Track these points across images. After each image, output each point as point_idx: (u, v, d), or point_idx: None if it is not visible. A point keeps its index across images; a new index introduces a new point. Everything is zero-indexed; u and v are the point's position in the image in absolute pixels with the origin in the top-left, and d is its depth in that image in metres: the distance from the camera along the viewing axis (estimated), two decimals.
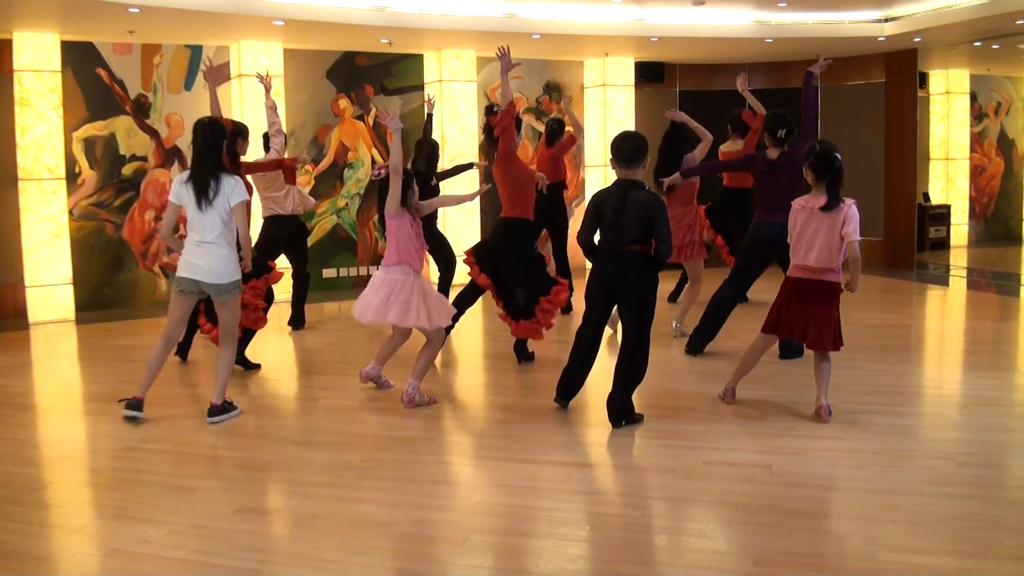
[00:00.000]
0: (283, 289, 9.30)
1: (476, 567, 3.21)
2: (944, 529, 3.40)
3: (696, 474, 4.07)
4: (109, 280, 9.02)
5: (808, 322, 4.75)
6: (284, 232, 7.21)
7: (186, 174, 4.97)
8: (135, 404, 5.07)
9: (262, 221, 7.28)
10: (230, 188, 4.91)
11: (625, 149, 4.68)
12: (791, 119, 6.04)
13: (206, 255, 4.91)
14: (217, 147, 4.93)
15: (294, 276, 7.82)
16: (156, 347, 5.11)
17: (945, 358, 6.74)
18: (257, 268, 6.06)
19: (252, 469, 4.44)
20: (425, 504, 3.81)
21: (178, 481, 4.13)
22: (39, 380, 6.46)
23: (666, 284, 7.70)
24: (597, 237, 4.87)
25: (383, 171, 5.18)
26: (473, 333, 7.69)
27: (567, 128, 8.25)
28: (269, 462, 4.55)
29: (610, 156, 4.79)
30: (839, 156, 4.62)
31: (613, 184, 4.77)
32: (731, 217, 8.31)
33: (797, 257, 4.77)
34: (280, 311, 8.89)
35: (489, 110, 6.60)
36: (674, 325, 7.22)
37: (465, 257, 6.19)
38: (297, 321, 7.93)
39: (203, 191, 4.85)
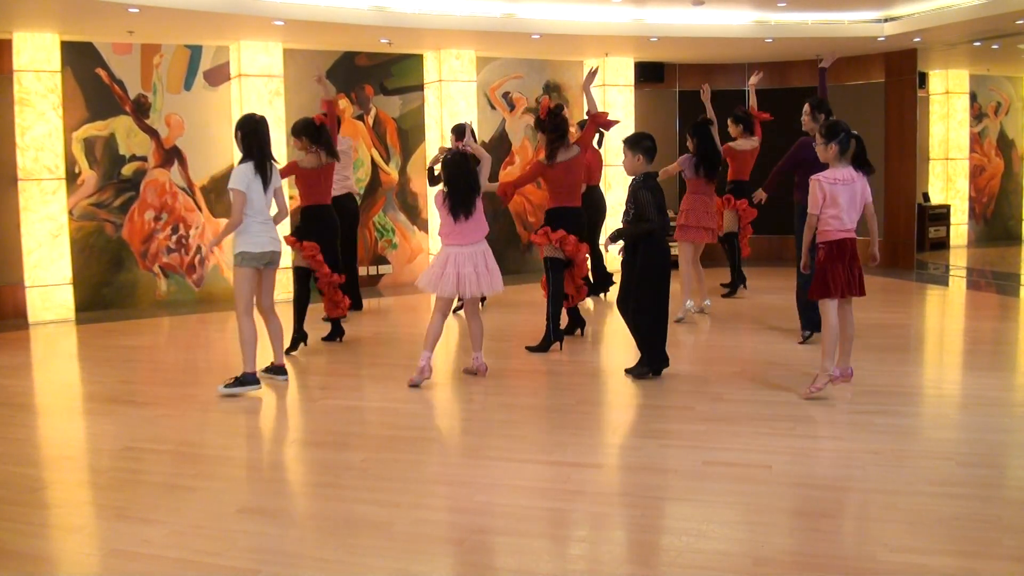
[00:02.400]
0: (283, 289, 9.32)
1: (476, 567, 3.21)
2: (944, 529, 3.40)
3: (696, 474, 4.07)
4: (109, 280, 9.02)
5: (853, 276, 5.14)
6: (352, 208, 7.99)
7: (251, 165, 5.44)
8: (276, 369, 5.79)
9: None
10: (275, 172, 5.66)
11: (655, 148, 5.60)
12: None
13: (272, 229, 5.58)
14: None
15: (346, 260, 8.06)
16: (245, 324, 5.46)
17: (945, 358, 6.74)
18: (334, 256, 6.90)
19: (252, 469, 4.44)
20: (425, 504, 3.81)
21: (178, 481, 4.13)
22: (39, 380, 6.46)
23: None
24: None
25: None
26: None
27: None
28: (269, 462, 4.55)
29: (640, 154, 5.55)
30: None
31: (650, 176, 5.56)
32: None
33: (840, 223, 5.05)
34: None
35: (551, 111, 6.59)
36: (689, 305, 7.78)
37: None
38: (356, 303, 8.32)
39: (267, 176, 5.51)
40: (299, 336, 6.78)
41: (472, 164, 5.64)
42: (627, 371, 5.75)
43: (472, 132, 6.36)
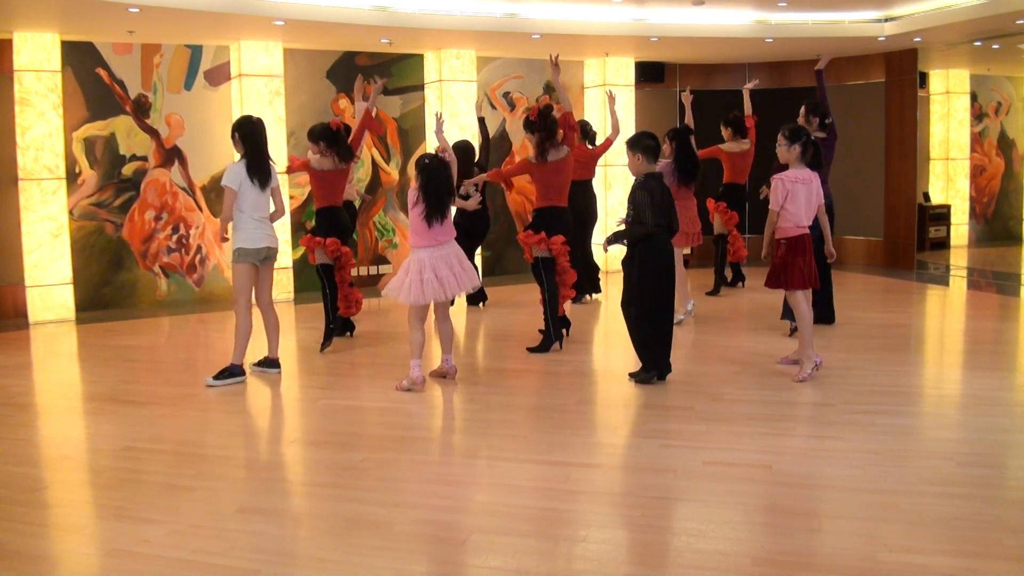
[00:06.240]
0: (283, 289, 9.32)
1: (476, 567, 3.21)
2: (944, 529, 3.40)
3: (696, 474, 4.07)
4: (109, 280, 9.02)
5: (811, 270, 5.64)
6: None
7: (244, 164, 5.74)
8: (269, 362, 6.16)
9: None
10: (273, 172, 5.94)
11: (657, 147, 5.53)
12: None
13: (268, 226, 5.90)
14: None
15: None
16: (243, 317, 5.81)
17: (945, 358, 6.74)
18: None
19: (252, 469, 4.44)
20: (425, 504, 3.81)
21: (178, 481, 4.13)
22: (39, 380, 6.46)
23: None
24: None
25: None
26: (472, 333, 7.69)
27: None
28: (269, 462, 4.55)
29: (639, 153, 5.46)
30: None
31: (652, 177, 5.44)
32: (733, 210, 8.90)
33: (797, 219, 5.54)
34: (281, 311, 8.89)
35: (541, 112, 6.62)
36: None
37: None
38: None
39: (263, 176, 5.81)
40: (332, 331, 6.93)
41: (449, 170, 5.58)
42: (631, 375, 5.65)
43: (441, 124, 6.44)
